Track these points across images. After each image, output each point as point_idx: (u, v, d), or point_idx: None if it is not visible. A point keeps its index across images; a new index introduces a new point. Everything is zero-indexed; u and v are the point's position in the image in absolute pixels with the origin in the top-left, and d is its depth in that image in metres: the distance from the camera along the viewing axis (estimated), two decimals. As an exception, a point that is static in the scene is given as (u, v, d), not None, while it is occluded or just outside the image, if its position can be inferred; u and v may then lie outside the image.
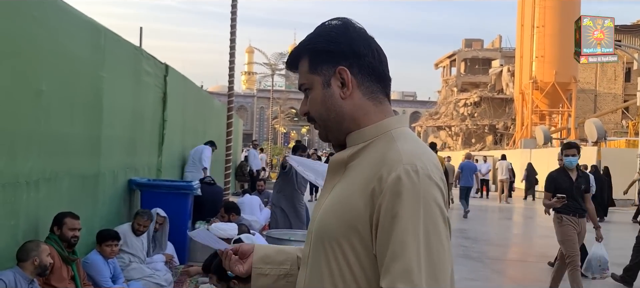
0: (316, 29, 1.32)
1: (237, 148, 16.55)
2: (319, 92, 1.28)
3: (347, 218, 1.18)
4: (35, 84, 3.94)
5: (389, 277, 1.09)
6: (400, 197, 1.11)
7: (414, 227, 1.10)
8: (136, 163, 6.58)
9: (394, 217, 1.11)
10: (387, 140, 1.23)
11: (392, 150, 1.19)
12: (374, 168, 1.18)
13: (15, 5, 3.65)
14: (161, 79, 7.39)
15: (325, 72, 1.27)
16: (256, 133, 60.75)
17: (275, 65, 40.18)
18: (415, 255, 1.08)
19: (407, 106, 73.86)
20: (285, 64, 1.37)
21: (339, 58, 1.26)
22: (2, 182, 3.52)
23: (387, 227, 1.11)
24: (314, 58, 1.29)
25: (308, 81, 1.30)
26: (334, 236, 1.19)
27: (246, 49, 73.39)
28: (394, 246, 1.10)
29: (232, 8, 7.40)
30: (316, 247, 1.24)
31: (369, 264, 1.16)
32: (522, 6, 34.38)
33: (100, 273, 4.52)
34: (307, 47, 1.30)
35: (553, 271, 6.08)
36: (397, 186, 1.12)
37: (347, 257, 1.18)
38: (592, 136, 22.68)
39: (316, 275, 1.23)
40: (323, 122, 1.30)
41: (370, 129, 1.26)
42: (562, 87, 31.33)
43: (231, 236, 5.03)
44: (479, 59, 49.74)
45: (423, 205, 1.12)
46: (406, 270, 1.08)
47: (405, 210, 1.11)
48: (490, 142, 42.45)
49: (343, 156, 1.28)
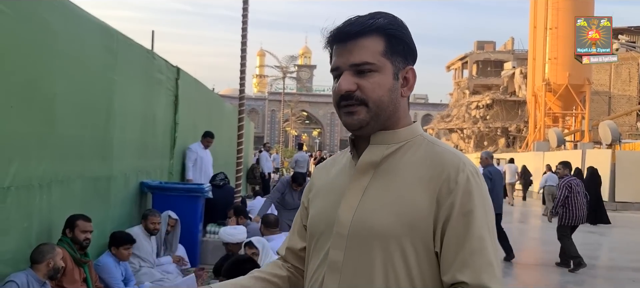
0: (385, 15, 1.27)
1: (248, 151, 16.58)
2: (389, 80, 1.25)
3: (407, 217, 1.19)
4: (48, 87, 3.98)
5: (470, 270, 1.14)
6: (472, 196, 1.18)
7: (487, 223, 1.19)
8: (148, 166, 6.61)
9: (467, 214, 1.17)
10: (424, 142, 1.28)
11: (445, 153, 1.24)
12: (431, 170, 1.21)
13: (29, 9, 3.68)
14: (173, 82, 7.43)
15: (397, 64, 1.26)
16: (268, 136, 60.84)
17: (287, 68, 40.24)
18: (492, 249, 1.17)
19: (419, 109, 73.57)
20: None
21: (409, 57, 1.29)
22: (16, 185, 3.55)
23: (463, 224, 1.17)
24: (392, 44, 1.25)
25: (379, 62, 1.24)
26: (394, 236, 1.19)
27: (257, 52, 73.68)
28: (472, 241, 1.16)
29: (243, 11, 7.43)
30: (360, 249, 1.21)
31: (427, 263, 1.19)
32: (534, 8, 34.09)
33: (112, 275, 4.55)
34: (386, 30, 1.25)
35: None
36: (468, 186, 1.19)
37: (406, 257, 1.19)
38: (607, 139, 22.42)
39: (361, 278, 1.20)
40: (378, 109, 1.25)
41: (404, 130, 1.29)
42: (576, 89, 30.98)
43: (241, 240, 5.03)
44: (491, 61, 49.42)
45: (487, 203, 1.22)
46: (488, 263, 1.15)
47: (478, 208, 1.18)
48: (502, 144, 42.13)
49: (375, 157, 1.27)
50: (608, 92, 36.49)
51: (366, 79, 1.24)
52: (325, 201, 1.34)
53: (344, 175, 1.33)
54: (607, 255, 9.72)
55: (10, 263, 3.52)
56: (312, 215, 1.38)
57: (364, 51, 1.23)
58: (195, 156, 8.02)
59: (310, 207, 1.41)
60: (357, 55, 1.24)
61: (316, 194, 1.40)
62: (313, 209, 1.39)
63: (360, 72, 1.24)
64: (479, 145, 42.81)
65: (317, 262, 1.31)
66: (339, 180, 1.33)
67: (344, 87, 1.24)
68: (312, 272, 1.32)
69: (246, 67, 7.71)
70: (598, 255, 9.54)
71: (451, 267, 1.16)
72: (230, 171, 8.65)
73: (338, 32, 1.26)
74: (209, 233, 6.93)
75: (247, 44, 7.61)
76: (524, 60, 42.95)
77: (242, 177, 8.69)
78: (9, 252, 3.54)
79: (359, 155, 1.30)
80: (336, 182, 1.34)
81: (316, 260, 1.31)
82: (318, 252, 1.31)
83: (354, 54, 1.24)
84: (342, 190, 1.29)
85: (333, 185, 1.34)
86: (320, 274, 1.28)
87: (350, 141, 1.34)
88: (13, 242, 3.60)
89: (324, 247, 1.29)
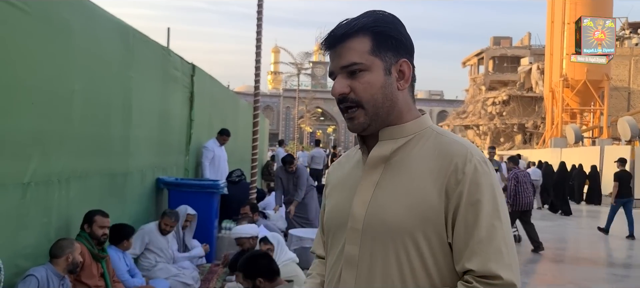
0: (371, 14, 1.28)
1: (263, 148, 16.65)
2: (379, 77, 1.26)
3: (420, 210, 1.20)
4: (68, 84, 4.04)
5: (478, 258, 1.15)
6: (480, 186, 1.19)
7: (497, 212, 1.19)
8: (164, 163, 6.67)
9: (475, 204, 1.18)
10: (432, 135, 1.28)
11: (452, 144, 1.25)
12: (440, 161, 1.22)
13: (49, 9, 3.74)
14: (188, 79, 7.48)
15: (387, 59, 1.26)
16: (282, 132, 60.98)
17: (301, 65, 40.29)
18: (502, 237, 1.18)
19: (434, 105, 73.14)
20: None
21: (401, 50, 1.28)
22: (36, 181, 3.62)
23: (472, 213, 1.18)
24: (379, 41, 1.26)
25: (367, 62, 1.25)
26: (407, 229, 1.20)
27: (272, 49, 73.82)
28: (480, 230, 1.17)
29: (258, 8, 7.44)
30: (374, 243, 1.23)
31: (441, 254, 1.20)
32: (552, 2, 33.68)
33: (117, 267, 4.57)
34: (370, 28, 1.25)
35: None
36: (475, 175, 1.19)
37: (420, 249, 1.20)
38: (626, 135, 22.10)
39: (377, 272, 1.22)
40: (374, 108, 1.26)
41: (411, 124, 1.29)
42: (594, 85, 30.55)
43: (252, 234, 5.06)
44: (508, 57, 48.93)
45: (497, 191, 1.22)
46: (497, 250, 1.16)
47: (486, 196, 1.19)
48: (519, 141, 41.74)
49: (384, 152, 1.28)
50: (627, 88, 35.93)
51: (357, 80, 1.25)
52: (339, 197, 1.36)
53: (356, 171, 1.35)
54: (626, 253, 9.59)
55: (30, 258, 3.59)
56: (328, 210, 1.40)
57: (351, 52, 1.25)
58: (211, 154, 8.01)
59: (327, 203, 1.43)
60: (345, 58, 1.26)
61: (332, 190, 1.42)
62: (328, 205, 1.41)
63: (351, 74, 1.26)
64: (495, 141, 42.42)
65: (334, 256, 1.33)
66: (352, 176, 1.35)
67: (338, 90, 1.26)
68: (330, 266, 1.35)
69: (261, 64, 7.73)
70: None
71: (462, 257, 1.18)
72: (245, 167, 8.70)
73: (328, 38, 1.28)
74: (225, 229, 6.98)
75: (262, 41, 7.62)
76: (541, 55, 42.47)
77: (257, 173, 8.71)
78: (29, 247, 3.61)
79: (368, 151, 1.32)
80: (349, 178, 1.36)
81: (333, 255, 1.34)
82: (335, 246, 1.33)
83: (342, 57, 1.26)
84: (354, 186, 1.31)
85: (346, 181, 1.36)
86: (338, 269, 1.30)
87: (359, 138, 1.36)
88: (33, 237, 3.66)
89: (340, 242, 1.31)
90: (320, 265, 1.49)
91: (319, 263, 1.51)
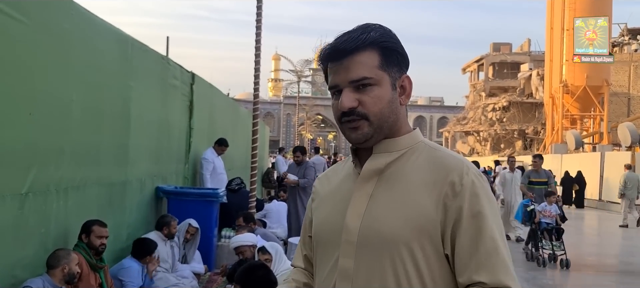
0: (377, 28, 1.27)
1: (263, 155, 16.63)
2: (387, 92, 1.26)
3: (416, 222, 1.20)
4: (66, 94, 4.03)
5: (486, 271, 1.16)
6: (479, 198, 1.20)
7: (497, 224, 1.21)
8: (163, 171, 6.66)
9: (477, 216, 1.19)
10: (425, 149, 1.30)
11: (447, 157, 1.26)
12: (435, 174, 1.23)
13: (46, 18, 3.74)
14: (188, 87, 7.48)
15: (393, 74, 1.28)
16: (283, 140, 61.01)
17: (301, 72, 40.36)
18: (504, 248, 1.19)
19: (434, 111, 73.17)
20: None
21: (403, 65, 1.30)
22: (33, 190, 3.60)
23: (474, 225, 1.19)
24: (387, 56, 1.26)
25: (376, 76, 1.25)
26: (403, 240, 1.20)
27: (272, 56, 74.03)
28: (485, 242, 1.18)
29: (257, 15, 7.45)
30: (370, 256, 1.22)
31: (437, 265, 1.21)
32: (551, 9, 33.73)
33: (132, 279, 4.57)
34: (380, 43, 1.26)
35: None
36: (474, 188, 1.21)
37: (416, 260, 1.20)
38: (626, 141, 22.09)
39: (372, 284, 1.21)
40: (380, 122, 1.26)
41: (405, 138, 1.30)
42: (594, 90, 30.54)
43: (250, 243, 5.04)
44: (508, 63, 49.01)
45: (493, 203, 1.24)
46: (503, 262, 1.17)
47: (486, 209, 1.20)
48: (519, 147, 41.71)
49: (379, 165, 1.27)
50: (627, 94, 35.93)
51: (366, 94, 1.24)
52: (329, 209, 1.34)
53: (346, 184, 1.33)
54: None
55: (28, 268, 3.57)
56: (317, 223, 1.38)
57: (361, 67, 1.24)
58: (211, 166, 7.94)
59: (314, 217, 1.41)
60: (355, 72, 1.24)
61: (320, 204, 1.40)
62: (317, 218, 1.39)
63: (359, 88, 1.24)
64: (495, 147, 42.44)
65: (326, 270, 1.30)
66: (342, 189, 1.33)
67: (346, 104, 1.24)
68: (321, 280, 1.32)
69: (260, 71, 7.73)
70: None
71: (467, 269, 1.17)
72: (245, 175, 8.68)
73: (333, 50, 1.26)
74: (224, 237, 6.96)
75: (262, 48, 7.62)
76: (540, 61, 42.53)
77: (257, 181, 8.70)
78: (26, 257, 3.60)
79: (361, 163, 1.31)
80: (339, 191, 1.34)
81: (324, 269, 1.31)
82: (326, 260, 1.31)
83: (351, 71, 1.24)
84: (346, 198, 1.29)
85: (336, 194, 1.34)
86: (331, 282, 1.27)
87: (352, 151, 1.35)
88: (31, 247, 3.65)
89: (331, 256, 1.29)
90: (298, 273, 1.48)
91: (297, 271, 1.50)
